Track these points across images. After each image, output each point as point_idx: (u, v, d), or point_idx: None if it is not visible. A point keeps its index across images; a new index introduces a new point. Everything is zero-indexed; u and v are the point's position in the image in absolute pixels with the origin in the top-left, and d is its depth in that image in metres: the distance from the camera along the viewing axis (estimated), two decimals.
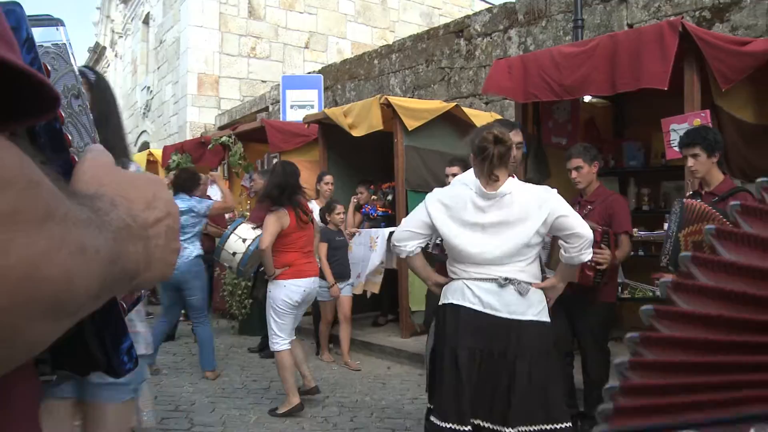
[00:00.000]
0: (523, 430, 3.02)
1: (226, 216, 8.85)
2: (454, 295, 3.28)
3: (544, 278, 3.48)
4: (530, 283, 3.22)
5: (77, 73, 0.87)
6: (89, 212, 0.57)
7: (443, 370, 3.21)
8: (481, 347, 3.15)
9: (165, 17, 18.20)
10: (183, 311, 8.82)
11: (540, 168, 6.20)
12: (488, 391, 3.13)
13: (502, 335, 3.14)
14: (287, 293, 5.19)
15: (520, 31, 9.36)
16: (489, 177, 3.21)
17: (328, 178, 7.44)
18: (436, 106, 7.82)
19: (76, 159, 0.75)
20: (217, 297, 8.86)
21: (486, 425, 3.11)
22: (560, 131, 6.46)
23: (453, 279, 3.34)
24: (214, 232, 8.17)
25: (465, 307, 3.21)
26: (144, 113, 20.18)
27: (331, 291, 6.59)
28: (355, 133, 7.66)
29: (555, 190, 3.27)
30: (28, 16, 0.73)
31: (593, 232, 3.38)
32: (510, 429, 3.03)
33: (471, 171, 3.54)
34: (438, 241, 5.50)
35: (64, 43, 0.85)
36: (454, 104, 7.93)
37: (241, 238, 6.99)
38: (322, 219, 6.77)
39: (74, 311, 0.55)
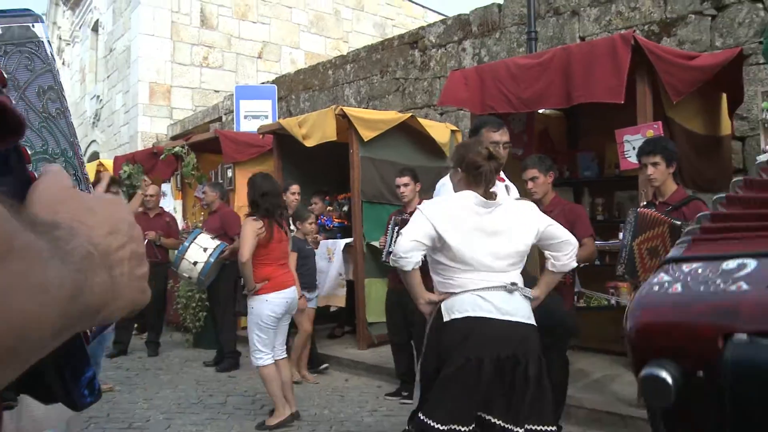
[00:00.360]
0: (534, 428, 3.06)
1: (180, 227, 8.72)
2: (466, 307, 3.21)
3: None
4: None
5: (56, 72, 0.81)
6: (49, 243, 0.53)
7: (453, 380, 3.15)
8: (507, 354, 3.14)
9: (115, 25, 17.91)
10: (136, 325, 8.68)
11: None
12: (506, 393, 3.12)
13: (519, 340, 3.19)
14: (271, 307, 5.10)
15: (474, 42, 9.45)
16: (486, 190, 3.27)
17: (295, 187, 7.22)
18: (392, 116, 7.84)
19: (36, 175, 0.68)
20: (171, 310, 8.72)
21: (498, 422, 3.09)
22: (516, 142, 6.52)
23: (455, 293, 3.25)
24: (168, 243, 8.05)
25: (485, 317, 3.17)
26: (93, 123, 19.79)
27: (299, 303, 6.39)
28: (309, 143, 7.63)
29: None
30: (2, 10, 0.69)
31: None
32: (519, 429, 3.05)
33: (448, 180, 3.62)
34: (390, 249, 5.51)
35: (41, 41, 0.79)
36: (409, 115, 7.96)
37: (202, 248, 6.94)
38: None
39: (34, 353, 0.51)
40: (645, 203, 4.34)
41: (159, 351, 8.11)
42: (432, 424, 3.06)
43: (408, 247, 3.22)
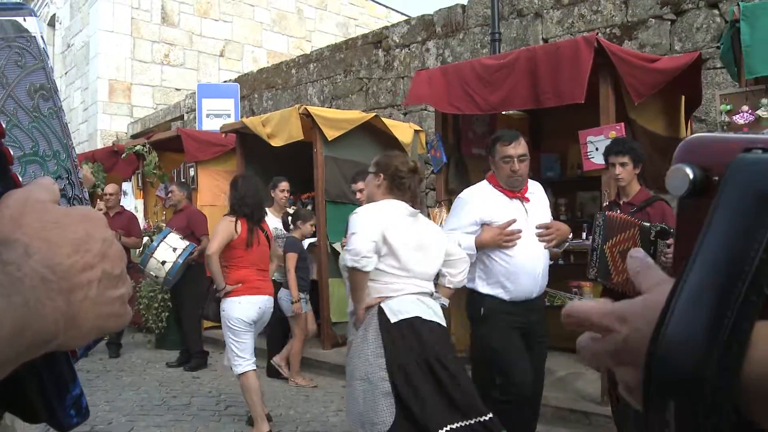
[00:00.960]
0: (480, 420, 3.23)
1: (141, 226, 8.61)
2: (411, 309, 3.35)
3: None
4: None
5: (49, 70, 0.76)
6: None
7: (419, 382, 3.23)
8: (442, 354, 3.35)
9: (72, 20, 17.58)
10: None
11: (461, 178, 6.30)
12: (446, 394, 3.26)
13: (447, 340, 3.57)
14: (242, 311, 4.85)
15: (438, 43, 9.50)
16: (411, 200, 3.55)
17: (284, 184, 6.93)
18: (356, 116, 7.84)
19: (20, 180, 0.63)
20: (132, 310, 8.59)
21: (453, 426, 3.18)
22: (480, 143, 6.58)
23: (393, 297, 3.36)
24: (128, 242, 7.92)
25: (426, 319, 3.37)
26: None
27: (293, 307, 6.18)
28: (274, 143, 7.58)
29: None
30: None
31: None
32: (469, 421, 3.20)
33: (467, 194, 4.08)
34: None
35: (33, 36, 0.75)
36: (373, 114, 7.97)
37: (171, 248, 6.89)
38: (286, 227, 6.59)
39: None
40: (607, 203, 4.42)
41: (120, 352, 7.99)
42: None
43: (369, 247, 3.27)
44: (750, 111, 4.43)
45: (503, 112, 6.84)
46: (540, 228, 3.82)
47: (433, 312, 3.43)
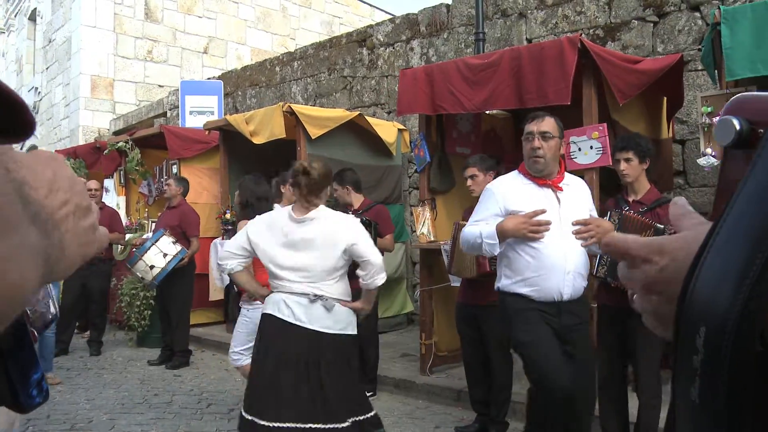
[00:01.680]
0: (321, 427, 3.50)
1: (124, 222, 8.56)
2: (272, 306, 3.72)
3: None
4: (339, 300, 3.71)
5: None
6: (25, 209, 0.55)
7: (263, 372, 3.66)
8: (291, 354, 3.60)
9: (54, 15, 17.43)
10: (77, 324, 8.48)
11: (444, 177, 6.32)
12: (293, 394, 3.56)
13: (305, 344, 3.63)
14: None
15: (423, 42, 9.51)
16: (302, 202, 3.70)
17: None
18: (340, 114, 7.84)
19: None
20: (114, 308, 8.55)
21: (294, 426, 3.51)
22: (464, 142, 6.61)
23: (273, 291, 3.75)
24: (111, 238, 7.87)
25: (279, 318, 3.66)
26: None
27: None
28: (257, 140, 7.57)
29: (358, 220, 3.91)
30: None
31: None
32: (312, 425, 3.49)
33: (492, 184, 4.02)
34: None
35: None
36: (357, 113, 7.98)
37: (162, 252, 6.82)
38: None
39: (10, 318, 0.54)
40: (614, 199, 4.25)
41: (101, 350, 7.95)
42: (257, 420, 3.54)
43: (223, 255, 3.87)
44: None
45: (487, 112, 6.87)
46: (577, 224, 3.45)
47: (293, 314, 3.64)
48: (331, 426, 3.52)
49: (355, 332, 3.82)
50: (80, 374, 6.91)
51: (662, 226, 3.78)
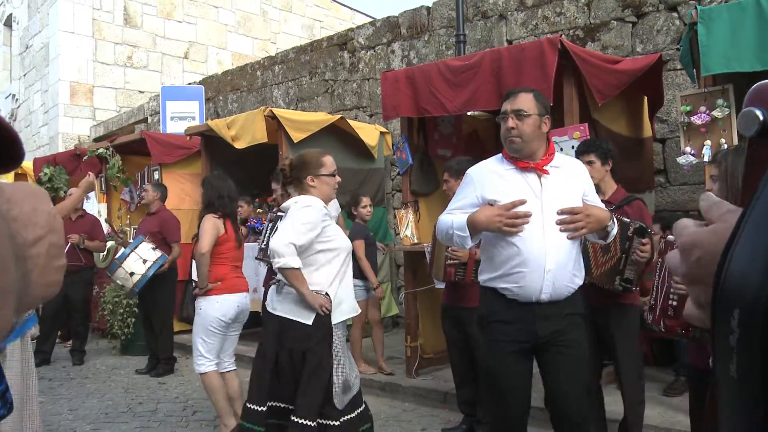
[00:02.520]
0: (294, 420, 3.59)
1: (105, 230, 8.49)
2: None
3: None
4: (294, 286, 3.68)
5: None
6: (12, 246, 0.54)
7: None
8: (282, 345, 3.72)
9: (31, 20, 17.28)
10: (59, 333, 8.40)
11: (427, 179, 6.33)
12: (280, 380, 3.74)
13: (276, 332, 3.74)
14: (222, 310, 4.80)
15: (404, 44, 9.52)
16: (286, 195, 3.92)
17: (366, 200, 6.54)
18: (321, 118, 7.83)
19: None
20: (96, 316, 8.48)
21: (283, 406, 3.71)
22: (445, 144, 6.62)
23: None
24: (92, 246, 7.81)
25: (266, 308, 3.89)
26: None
27: (376, 292, 6.39)
28: (238, 145, 7.54)
29: (300, 205, 3.70)
30: None
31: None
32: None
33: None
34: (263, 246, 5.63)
35: None
36: (339, 116, 7.97)
37: (142, 259, 6.77)
38: (350, 215, 6.52)
39: None
40: None
41: (84, 359, 7.88)
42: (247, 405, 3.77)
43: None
44: (707, 111, 4.51)
45: (469, 113, 6.89)
46: (563, 213, 3.06)
47: (269, 301, 3.84)
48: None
49: (305, 321, 3.64)
50: (63, 384, 6.84)
51: (627, 220, 3.82)
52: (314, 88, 10.82)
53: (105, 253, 8.43)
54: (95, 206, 9.90)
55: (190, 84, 14.15)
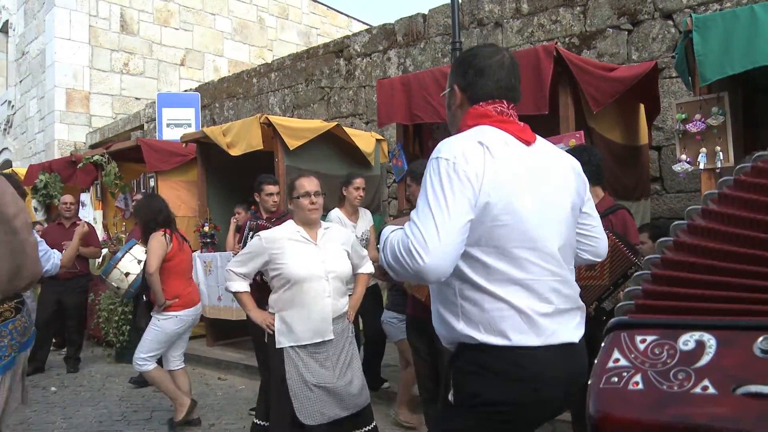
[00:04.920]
0: None
1: (100, 237, 8.46)
2: None
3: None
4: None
5: None
6: None
7: None
8: None
9: (27, 27, 17.28)
10: (54, 340, 8.37)
11: None
12: None
13: None
14: (179, 323, 5.20)
15: (400, 52, 9.53)
16: None
17: (359, 181, 6.14)
18: (317, 125, 7.81)
19: None
20: (91, 323, 8.45)
21: None
22: None
23: None
24: (87, 252, 7.78)
25: None
26: (5, 129, 19.02)
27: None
28: (234, 152, 7.53)
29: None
30: None
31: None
32: None
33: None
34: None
35: None
36: (335, 124, 7.95)
37: (136, 259, 6.78)
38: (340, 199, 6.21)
39: None
40: None
41: (79, 367, 7.84)
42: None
43: None
44: (702, 119, 4.51)
45: None
46: None
47: None
48: None
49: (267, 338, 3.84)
50: (57, 392, 6.80)
51: (635, 258, 3.65)
52: (310, 96, 10.82)
53: (100, 259, 8.40)
54: (91, 213, 9.88)
55: (186, 91, 14.15)
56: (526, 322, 2.00)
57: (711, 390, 1.08)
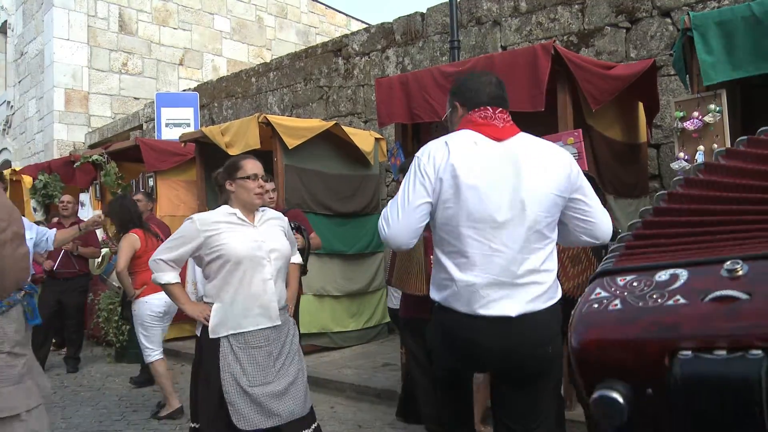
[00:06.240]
0: None
1: (99, 237, 8.46)
2: None
3: None
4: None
5: None
6: None
7: None
8: None
9: (25, 27, 17.28)
10: (54, 340, 8.36)
11: None
12: None
13: None
14: (150, 308, 5.69)
15: (398, 51, 9.53)
16: None
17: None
18: (316, 124, 7.81)
19: None
20: (91, 323, 8.45)
21: None
22: None
23: None
24: (86, 252, 7.78)
25: None
26: (4, 130, 19.01)
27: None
28: (232, 151, 7.51)
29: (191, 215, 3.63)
30: None
31: None
32: None
33: None
34: None
35: None
36: (333, 123, 7.95)
37: None
38: None
39: None
40: None
41: (79, 367, 7.84)
42: None
43: None
44: (699, 117, 4.52)
45: None
46: None
47: None
48: None
49: (197, 332, 3.53)
50: (56, 392, 6.80)
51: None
52: (309, 95, 10.82)
53: (100, 259, 8.39)
54: (90, 213, 9.87)
55: (185, 91, 14.15)
56: (461, 290, 2.51)
57: (682, 301, 1.20)
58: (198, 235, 3.41)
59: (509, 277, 2.47)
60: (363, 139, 8.10)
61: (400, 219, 2.52)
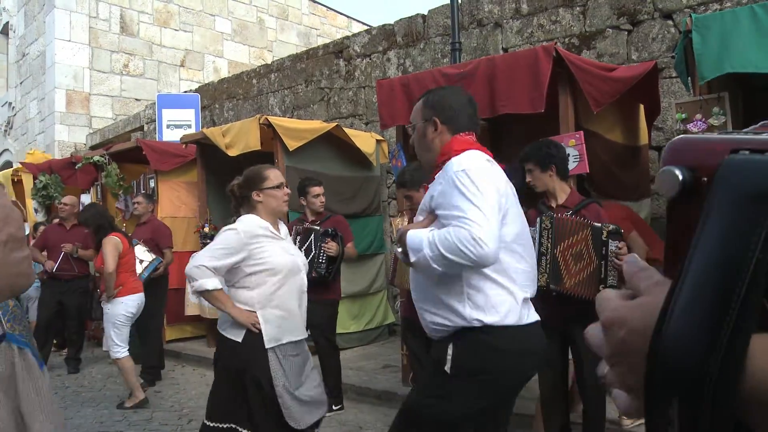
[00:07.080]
0: None
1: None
2: None
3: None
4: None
5: None
6: None
7: None
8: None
9: (27, 29, 17.28)
10: (55, 341, 8.36)
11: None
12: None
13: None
14: (125, 308, 6.10)
15: (399, 52, 9.53)
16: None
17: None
18: (317, 126, 7.81)
19: None
20: (92, 324, 8.44)
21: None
22: None
23: None
24: (86, 255, 7.78)
25: None
26: (5, 131, 19.01)
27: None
28: (232, 152, 7.53)
29: (225, 228, 3.62)
30: None
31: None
32: None
33: None
34: None
35: None
36: (334, 124, 7.96)
37: (138, 259, 6.87)
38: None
39: None
40: (537, 206, 4.17)
41: (80, 368, 7.84)
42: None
43: None
44: (703, 119, 4.51)
45: None
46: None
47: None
48: None
49: (236, 338, 3.50)
50: (57, 393, 6.79)
51: (599, 225, 3.75)
52: (310, 96, 10.83)
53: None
54: None
55: (186, 92, 14.15)
56: (519, 304, 2.60)
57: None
58: (243, 248, 3.47)
59: (533, 290, 2.76)
60: (364, 140, 8.11)
61: (495, 230, 2.39)
